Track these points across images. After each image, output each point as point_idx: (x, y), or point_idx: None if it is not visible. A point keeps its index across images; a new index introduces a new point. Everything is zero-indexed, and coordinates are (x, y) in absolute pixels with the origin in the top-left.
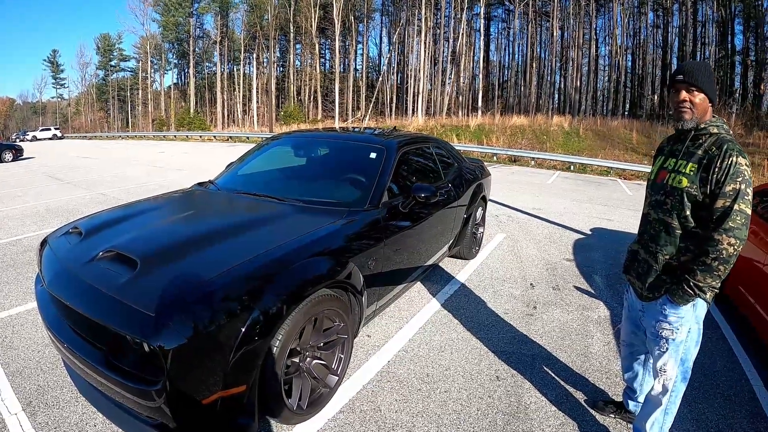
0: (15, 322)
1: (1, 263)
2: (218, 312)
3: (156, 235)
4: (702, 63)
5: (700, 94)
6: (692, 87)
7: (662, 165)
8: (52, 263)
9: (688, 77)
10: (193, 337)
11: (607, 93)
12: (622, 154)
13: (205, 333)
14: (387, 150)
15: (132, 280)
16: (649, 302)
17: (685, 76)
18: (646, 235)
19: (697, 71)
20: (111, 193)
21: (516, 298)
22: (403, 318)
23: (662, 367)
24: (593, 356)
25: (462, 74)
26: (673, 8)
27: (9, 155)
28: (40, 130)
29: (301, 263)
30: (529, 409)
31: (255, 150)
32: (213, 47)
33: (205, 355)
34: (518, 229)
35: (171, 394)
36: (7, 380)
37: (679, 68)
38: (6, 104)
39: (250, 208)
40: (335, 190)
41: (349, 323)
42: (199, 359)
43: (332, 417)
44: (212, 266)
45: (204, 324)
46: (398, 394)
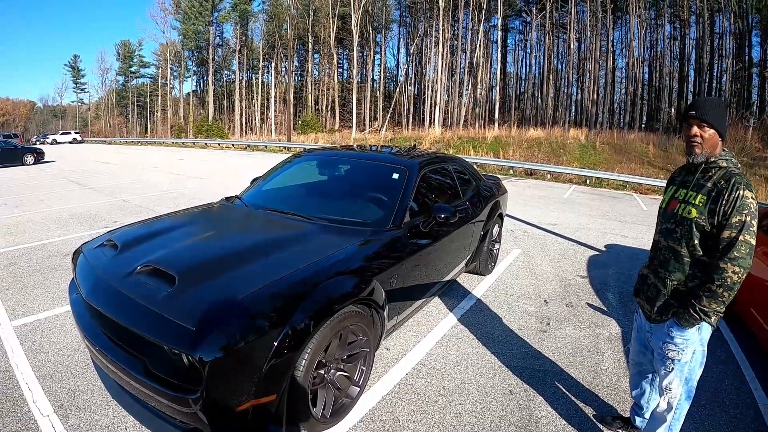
0: (44, 326)
1: (27, 267)
2: (252, 327)
3: (191, 251)
4: (715, 100)
5: (710, 129)
6: (703, 123)
7: (673, 195)
8: (90, 274)
9: (699, 113)
10: (229, 350)
11: (623, 105)
12: (639, 168)
13: (240, 346)
14: (409, 170)
15: (171, 295)
16: (657, 324)
17: (697, 112)
18: (656, 261)
19: (709, 108)
20: (133, 200)
21: (530, 314)
22: (420, 332)
23: (668, 385)
24: (603, 373)
25: (479, 86)
26: (690, 20)
27: (31, 158)
28: (60, 133)
29: (328, 282)
30: (540, 423)
31: (279, 167)
32: (232, 56)
33: (239, 367)
34: (534, 245)
35: (207, 402)
36: (38, 383)
37: (692, 104)
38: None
39: (279, 227)
40: (359, 209)
41: (371, 337)
42: (234, 370)
43: (353, 426)
44: (246, 284)
45: (239, 338)
46: (416, 405)
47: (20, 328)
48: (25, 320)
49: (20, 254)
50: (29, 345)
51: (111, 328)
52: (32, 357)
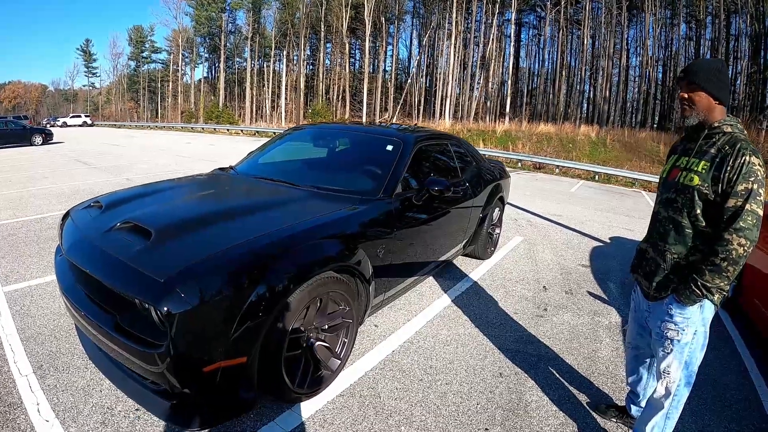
0: (34, 292)
1: (25, 238)
2: (225, 283)
3: (172, 210)
4: (708, 61)
5: (700, 92)
6: (692, 84)
7: (675, 163)
8: (72, 233)
9: (687, 75)
10: (198, 305)
11: (636, 104)
12: (649, 166)
13: (211, 302)
14: (404, 143)
15: (145, 249)
16: (656, 302)
17: (686, 75)
18: (655, 234)
19: (699, 70)
20: (136, 179)
21: (527, 299)
22: (412, 311)
23: (666, 368)
24: (600, 360)
25: (491, 79)
26: (706, 21)
27: (39, 138)
28: (70, 116)
29: (309, 244)
30: (530, 407)
31: (276, 139)
32: (244, 43)
33: (208, 323)
34: (537, 234)
35: (174, 359)
36: (21, 344)
37: (683, 68)
38: (38, 90)
39: (266, 192)
40: (350, 179)
41: (355, 309)
42: (203, 327)
43: (332, 399)
44: (223, 240)
45: (210, 293)
46: (399, 382)
47: (11, 293)
48: (17, 286)
49: (20, 226)
50: (17, 309)
51: (87, 283)
52: (19, 320)
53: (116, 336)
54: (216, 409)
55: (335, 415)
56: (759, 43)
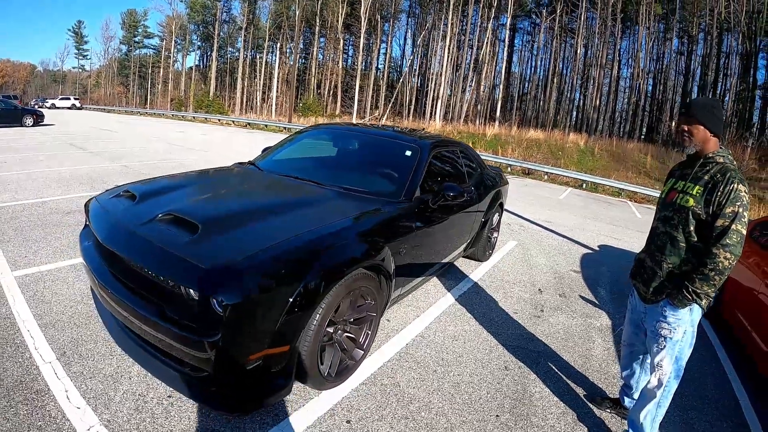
0: (46, 278)
1: (28, 222)
2: (274, 276)
3: (211, 203)
4: (706, 100)
5: (698, 125)
6: (691, 118)
7: (672, 186)
8: (107, 221)
9: (687, 111)
10: (251, 296)
11: (625, 115)
12: (635, 177)
13: (261, 293)
14: (421, 149)
15: (195, 241)
16: (651, 305)
17: (687, 110)
18: (653, 246)
19: (698, 107)
20: (133, 166)
21: (525, 300)
22: (420, 308)
23: (659, 362)
24: (594, 358)
25: (483, 83)
26: (699, 37)
27: (30, 120)
28: (59, 98)
29: (346, 241)
30: (534, 397)
31: (292, 138)
32: (238, 33)
33: (259, 313)
34: (529, 239)
35: (223, 346)
36: (40, 331)
37: (685, 103)
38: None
39: (297, 190)
40: (373, 181)
41: (379, 303)
42: (254, 316)
43: (355, 388)
44: (268, 237)
45: (261, 285)
46: (416, 373)
47: (22, 278)
48: (27, 271)
49: (21, 209)
50: (31, 295)
51: (127, 272)
52: (34, 306)
53: (163, 324)
54: (256, 394)
55: (360, 402)
56: (749, 62)
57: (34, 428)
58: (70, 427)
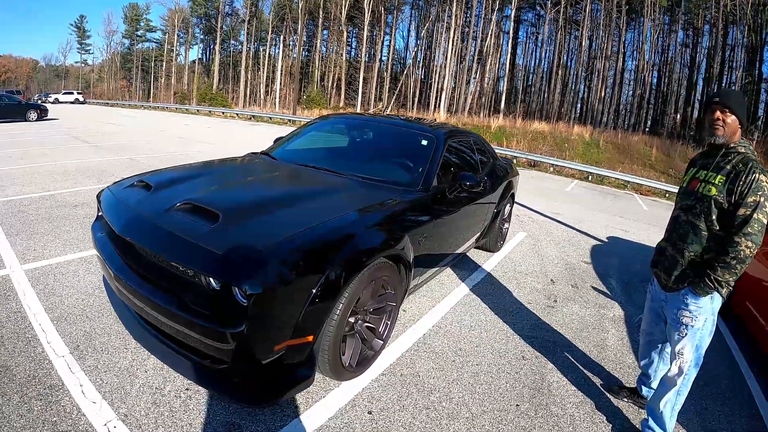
0: (56, 271)
1: (35, 215)
2: (299, 265)
3: (231, 192)
4: (736, 91)
5: (731, 115)
6: (726, 108)
7: (694, 175)
8: (123, 211)
9: (722, 100)
10: (276, 286)
11: (629, 107)
12: (640, 170)
13: (287, 283)
14: (436, 139)
15: (216, 231)
16: (672, 293)
17: (720, 99)
18: (674, 234)
19: (732, 96)
20: (139, 159)
21: (538, 290)
22: (435, 298)
23: (680, 350)
24: (609, 348)
25: (487, 75)
26: (704, 29)
27: (34, 114)
28: (62, 93)
29: (368, 230)
30: (552, 387)
31: (305, 127)
32: (240, 26)
33: (284, 303)
34: (539, 230)
35: (246, 337)
36: (51, 324)
37: (716, 92)
38: (29, 65)
39: (315, 179)
40: (389, 170)
41: (399, 293)
42: (279, 306)
43: (375, 378)
44: (293, 225)
45: (287, 275)
46: (434, 363)
47: (31, 271)
48: (36, 264)
49: (28, 203)
50: (41, 288)
51: (145, 263)
52: (45, 300)
53: (184, 315)
54: (278, 386)
55: (381, 392)
56: (754, 55)
57: (49, 424)
58: (86, 422)
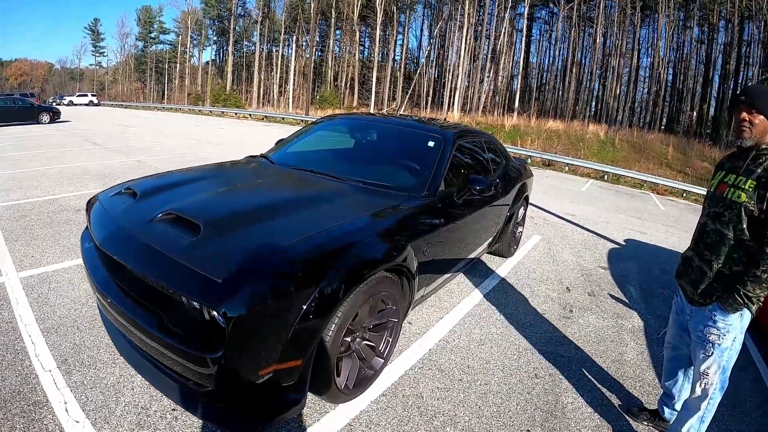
0: (51, 278)
1: (37, 220)
2: (283, 284)
3: (216, 202)
4: (764, 87)
5: (759, 115)
6: (752, 108)
7: (722, 179)
8: (105, 222)
9: (749, 99)
10: (257, 307)
11: (645, 105)
12: (656, 168)
13: (269, 304)
14: (444, 140)
15: (196, 244)
16: (699, 307)
17: (746, 98)
18: (701, 244)
19: (760, 94)
20: (148, 161)
21: (553, 299)
22: (443, 308)
23: (705, 370)
24: (627, 364)
25: (500, 73)
26: (719, 25)
27: (46, 117)
28: (77, 95)
29: (364, 243)
30: (566, 409)
31: (307, 129)
32: (253, 27)
33: (266, 326)
34: (553, 233)
35: (227, 363)
36: (41, 336)
37: (743, 90)
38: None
39: (311, 184)
40: (392, 174)
41: (401, 307)
42: (260, 329)
43: (375, 399)
44: (277, 239)
45: (269, 295)
46: (440, 382)
47: (27, 279)
48: (33, 272)
49: (31, 207)
50: (35, 297)
51: (125, 278)
52: (37, 309)
53: (162, 337)
54: (264, 412)
55: (380, 416)
56: None
57: None
58: None
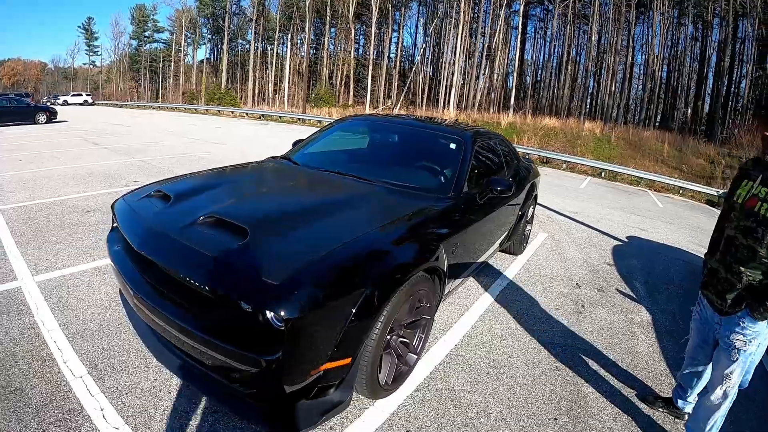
0: (69, 282)
1: (47, 222)
2: (337, 285)
3: (256, 205)
4: None
5: None
6: None
7: (752, 191)
8: (140, 225)
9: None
10: (313, 309)
11: (639, 102)
12: (652, 165)
13: (324, 305)
14: (465, 141)
15: (245, 248)
16: (728, 316)
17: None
18: (729, 257)
19: None
20: (151, 161)
21: (564, 295)
22: (463, 306)
23: (728, 374)
24: (639, 356)
25: (496, 71)
26: (714, 22)
27: (43, 117)
28: (71, 95)
29: (405, 244)
30: (588, 398)
31: (325, 130)
32: (248, 25)
33: (320, 327)
34: (558, 230)
35: (281, 363)
36: (67, 342)
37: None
38: (38, 68)
39: (343, 186)
40: (419, 176)
41: (433, 305)
42: (315, 330)
43: (410, 394)
44: (327, 240)
45: (323, 296)
46: (468, 376)
47: (44, 283)
48: (49, 275)
49: (38, 209)
50: (55, 301)
51: (166, 281)
52: (59, 314)
53: (211, 339)
54: (314, 411)
55: (418, 410)
56: (766, 47)
57: None
58: None
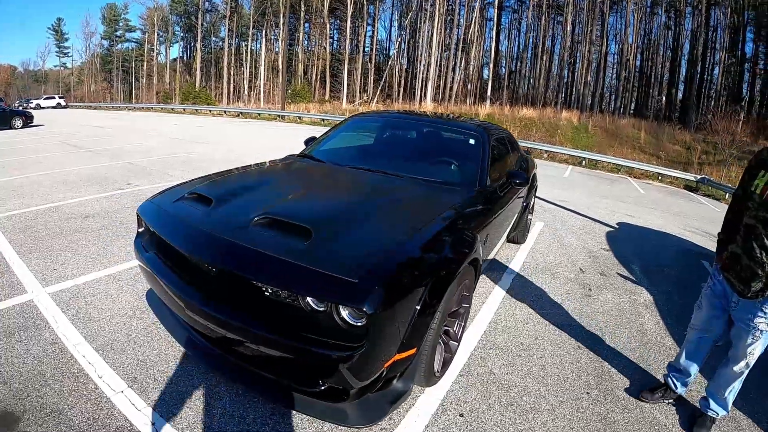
0: (84, 292)
1: (46, 230)
2: (406, 279)
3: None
4: None
5: None
6: None
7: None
8: (186, 229)
9: None
10: (388, 304)
11: (614, 91)
12: (630, 153)
13: (398, 299)
14: (482, 137)
15: (313, 248)
16: (751, 300)
17: None
18: (749, 246)
19: None
20: (139, 163)
21: (572, 280)
22: (482, 293)
23: (751, 351)
24: (649, 333)
25: (472, 62)
26: (686, 11)
27: (19, 122)
28: (44, 98)
29: (454, 237)
30: (612, 372)
31: (339, 126)
32: (221, 22)
33: (395, 320)
34: (552, 219)
35: (360, 359)
36: (97, 355)
37: None
38: (7, 72)
39: (384, 184)
40: (444, 170)
41: (471, 294)
42: (391, 323)
43: (455, 380)
44: (389, 238)
45: (397, 291)
46: (503, 359)
47: (57, 295)
48: (61, 286)
49: (34, 216)
50: (73, 313)
51: (225, 285)
52: (82, 327)
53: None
54: (382, 403)
55: (465, 394)
56: (737, 36)
57: None
58: None
